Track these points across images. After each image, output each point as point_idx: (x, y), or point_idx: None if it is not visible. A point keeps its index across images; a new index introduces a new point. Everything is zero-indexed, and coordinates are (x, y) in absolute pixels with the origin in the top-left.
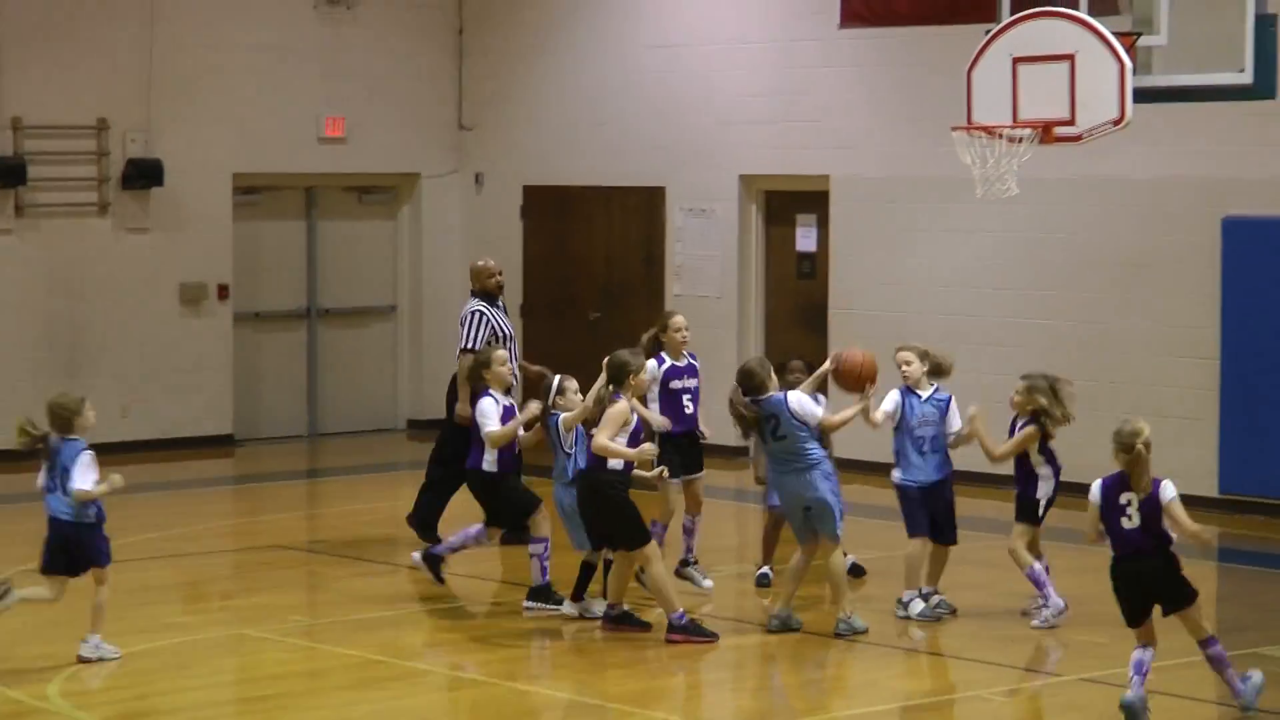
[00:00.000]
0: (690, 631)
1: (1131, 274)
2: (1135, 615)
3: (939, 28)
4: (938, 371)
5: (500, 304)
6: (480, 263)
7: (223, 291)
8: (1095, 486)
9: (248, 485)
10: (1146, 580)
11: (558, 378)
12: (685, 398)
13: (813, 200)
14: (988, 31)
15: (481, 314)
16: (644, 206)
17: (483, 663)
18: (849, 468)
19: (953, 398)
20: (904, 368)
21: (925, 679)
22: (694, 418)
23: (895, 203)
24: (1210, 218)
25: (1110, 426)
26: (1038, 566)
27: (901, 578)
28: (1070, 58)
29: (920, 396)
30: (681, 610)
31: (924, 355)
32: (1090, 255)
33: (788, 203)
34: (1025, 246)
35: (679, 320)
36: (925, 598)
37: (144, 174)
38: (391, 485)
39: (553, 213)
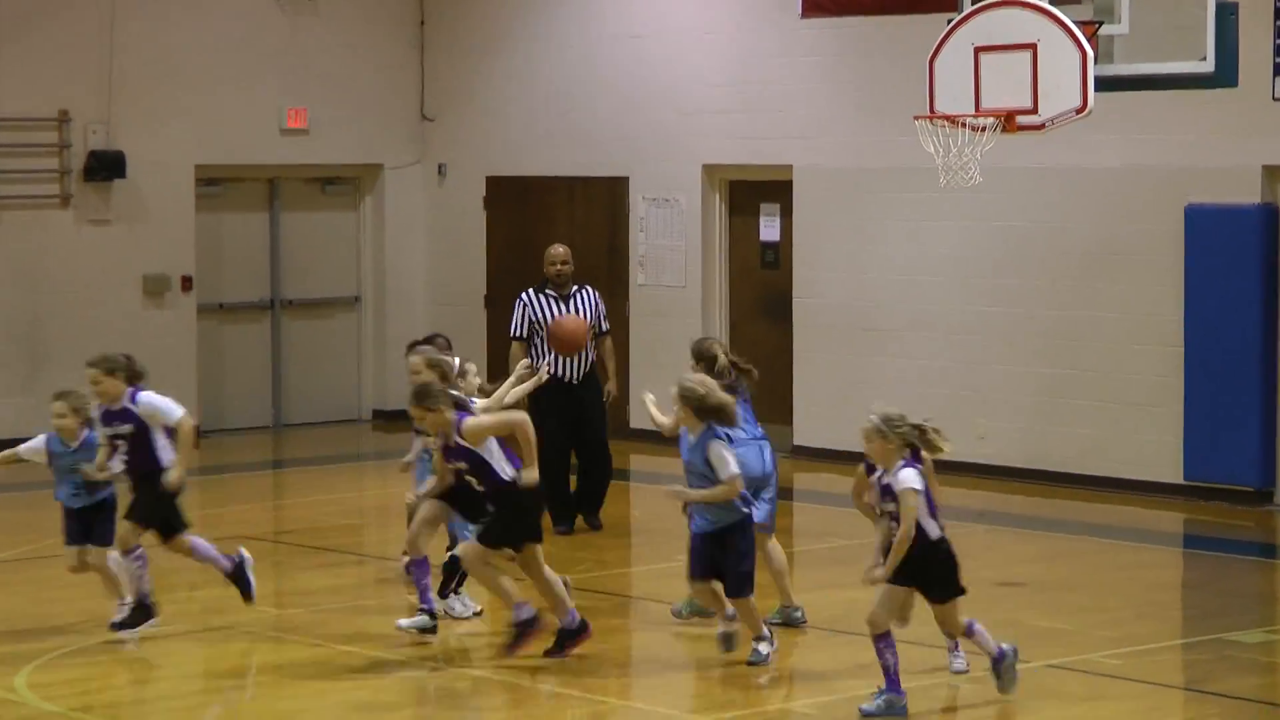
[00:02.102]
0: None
1: (1094, 262)
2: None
3: (900, 17)
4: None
5: (570, 292)
6: (549, 249)
7: (186, 283)
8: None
9: (213, 476)
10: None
11: (458, 360)
12: None
13: (776, 190)
14: (949, 21)
15: (521, 301)
16: (607, 196)
17: (451, 653)
18: (819, 456)
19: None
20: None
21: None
22: None
23: (859, 192)
24: (1173, 206)
25: (1077, 415)
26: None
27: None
28: (1032, 47)
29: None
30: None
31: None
32: (1053, 244)
33: (751, 192)
34: (989, 235)
35: None
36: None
37: (106, 166)
38: (357, 476)
39: (516, 203)
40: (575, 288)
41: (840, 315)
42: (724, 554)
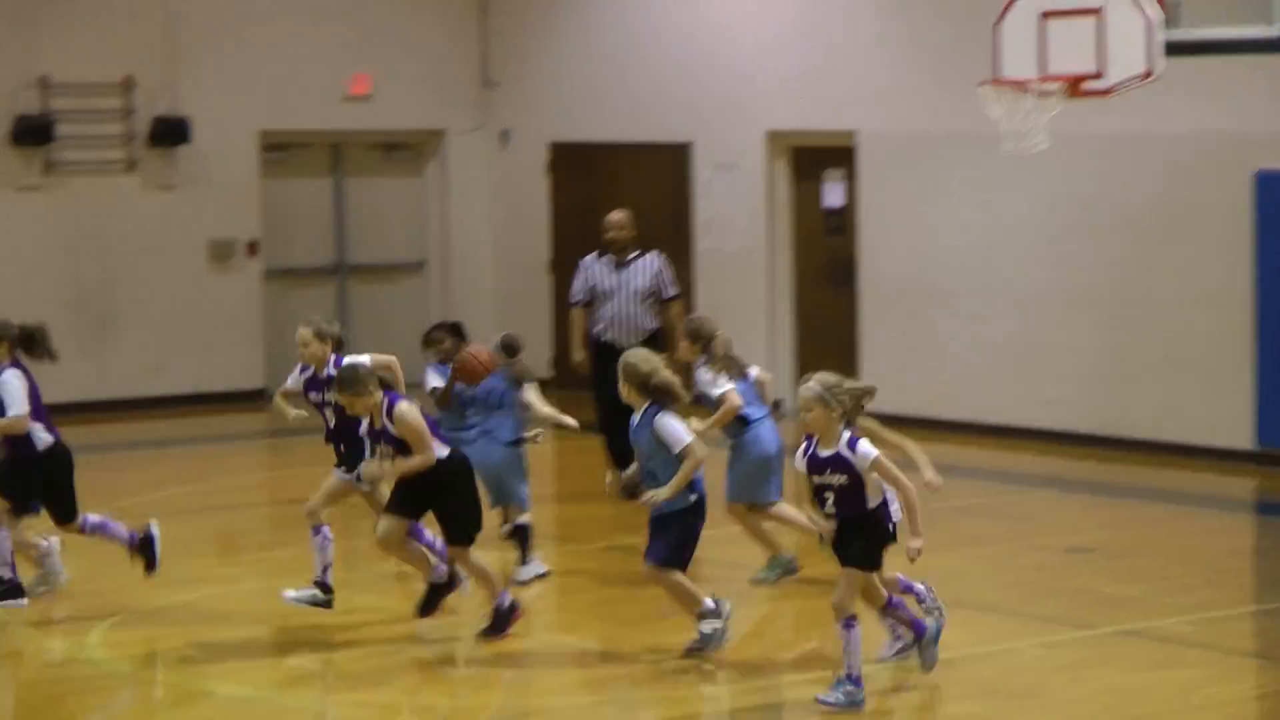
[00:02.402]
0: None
1: (1162, 227)
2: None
3: None
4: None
5: (630, 258)
6: (607, 216)
7: (252, 248)
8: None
9: (280, 439)
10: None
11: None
12: None
13: (840, 155)
14: None
15: (581, 267)
16: (670, 162)
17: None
18: (885, 424)
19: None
20: None
21: (961, 631)
22: None
23: (924, 158)
24: (1241, 171)
25: (1146, 381)
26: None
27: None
28: (1098, 11)
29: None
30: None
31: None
32: (1121, 209)
33: (815, 158)
34: (1056, 201)
35: None
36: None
37: (171, 132)
38: None
39: (579, 169)
40: (636, 253)
41: (906, 281)
42: (664, 530)
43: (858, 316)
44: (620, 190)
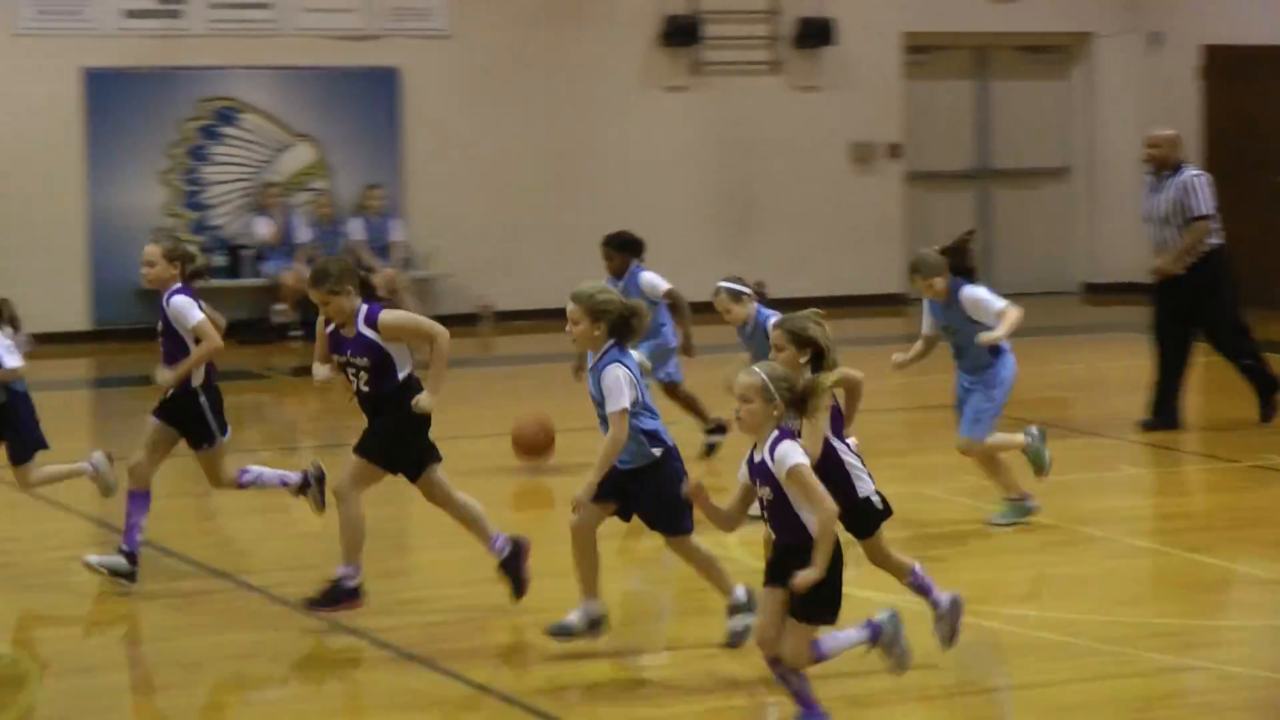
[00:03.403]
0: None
1: None
2: None
3: None
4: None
5: (1163, 178)
6: None
7: (893, 151)
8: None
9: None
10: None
11: None
12: None
13: None
14: None
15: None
16: None
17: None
18: None
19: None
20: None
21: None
22: None
23: None
24: None
25: None
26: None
27: None
28: None
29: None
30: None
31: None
32: None
33: None
34: None
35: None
36: None
37: (815, 33)
38: (1065, 349)
39: (1235, 75)
40: (1170, 174)
41: None
42: (641, 492)
43: None
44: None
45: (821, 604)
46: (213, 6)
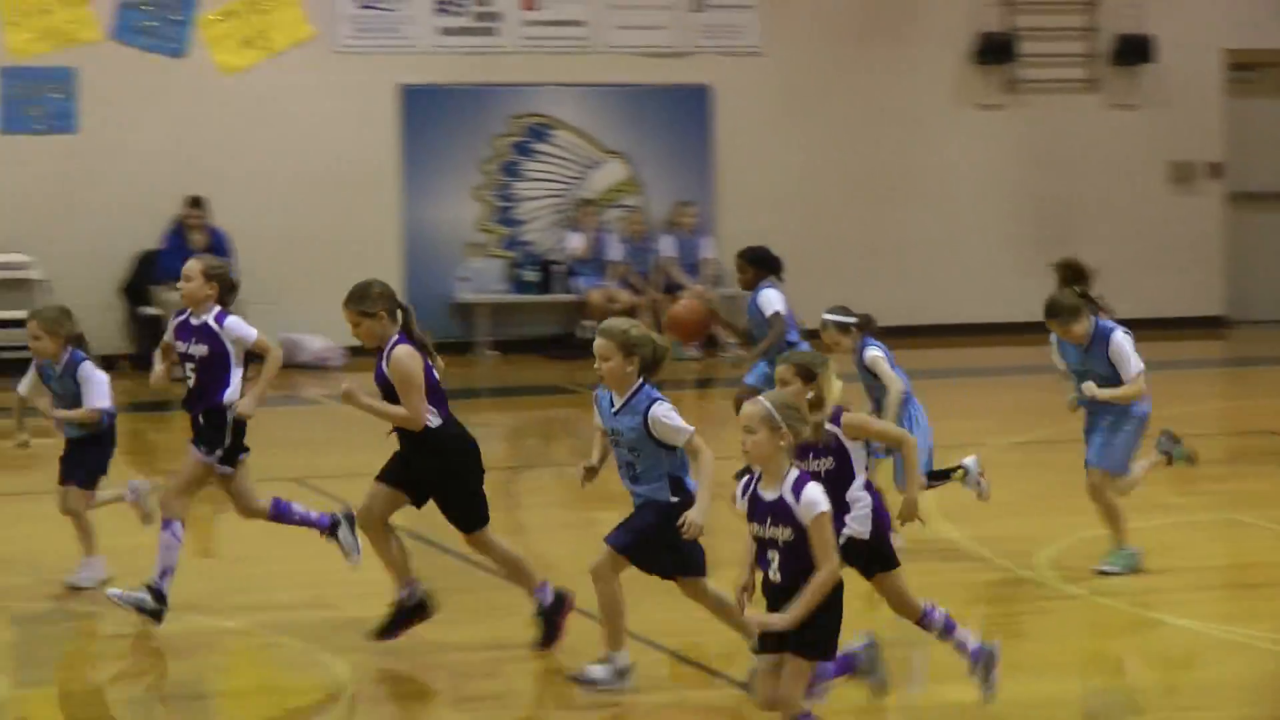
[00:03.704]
0: None
1: None
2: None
3: None
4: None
5: None
6: None
7: (1214, 170)
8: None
9: (1238, 369)
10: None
11: None
12: None
13: None
14: None
15: None
16: None
17: None
18: None
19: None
20: None
21: None
22: None
23: None
24: None
25: None
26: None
27: None
28: None
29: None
30: None
31: None
32: None
33: None
34: None
35: None
36: None
37: (1133, 50)
38: None
39: None
40: None
41: None
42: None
43: None
44: None
45: (826, 637)
46: (526, 24)
